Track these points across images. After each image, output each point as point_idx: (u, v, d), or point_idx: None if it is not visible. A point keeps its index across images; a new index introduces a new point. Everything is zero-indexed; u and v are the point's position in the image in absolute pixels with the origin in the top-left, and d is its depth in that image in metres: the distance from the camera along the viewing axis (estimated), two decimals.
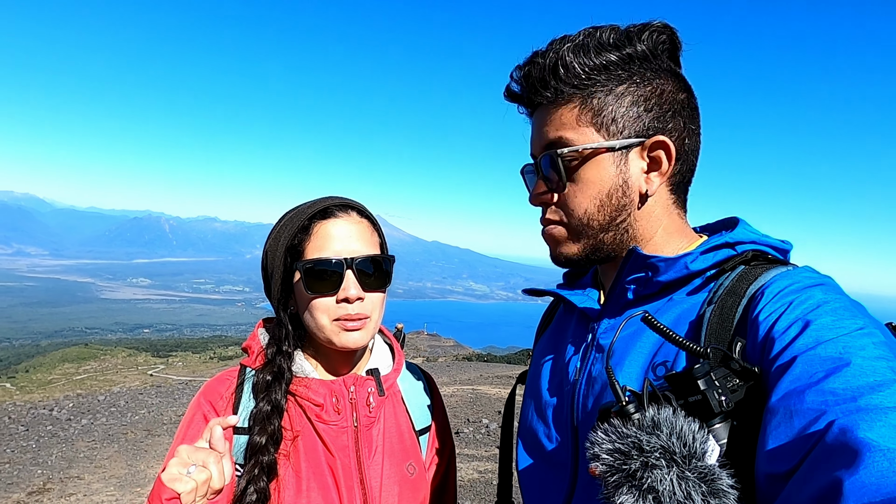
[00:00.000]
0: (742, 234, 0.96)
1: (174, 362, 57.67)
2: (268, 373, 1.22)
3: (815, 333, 0.70)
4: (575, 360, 1.05)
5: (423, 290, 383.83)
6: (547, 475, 1.05)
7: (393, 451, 1.29)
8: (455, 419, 10.26)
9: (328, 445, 1.22)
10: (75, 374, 47.62)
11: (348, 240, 1.22)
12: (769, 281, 0.84)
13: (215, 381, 1.26)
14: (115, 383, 35.45)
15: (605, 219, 0.97)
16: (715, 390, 0.69)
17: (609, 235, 0.98)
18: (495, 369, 23.39)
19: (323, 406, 1.23)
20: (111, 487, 6.89)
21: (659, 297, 0.97)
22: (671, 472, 0.61)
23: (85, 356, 61.99)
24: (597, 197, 0.96)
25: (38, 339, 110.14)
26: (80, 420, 10.62)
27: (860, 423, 0.57)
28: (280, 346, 1.25)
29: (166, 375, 41.18)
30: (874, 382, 0.61)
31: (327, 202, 1.25)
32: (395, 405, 1.35)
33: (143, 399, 13.49)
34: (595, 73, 0.94)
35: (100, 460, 8.04)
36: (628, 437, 0.65)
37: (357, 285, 1.21)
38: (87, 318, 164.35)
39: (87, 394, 17.03)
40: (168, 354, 68.25)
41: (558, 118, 0.97)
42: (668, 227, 1.00)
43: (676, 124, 0.96)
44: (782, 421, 0.64)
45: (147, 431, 9.74)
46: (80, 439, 9.16)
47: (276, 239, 1.25)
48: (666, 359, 0.89)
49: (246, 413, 1.21)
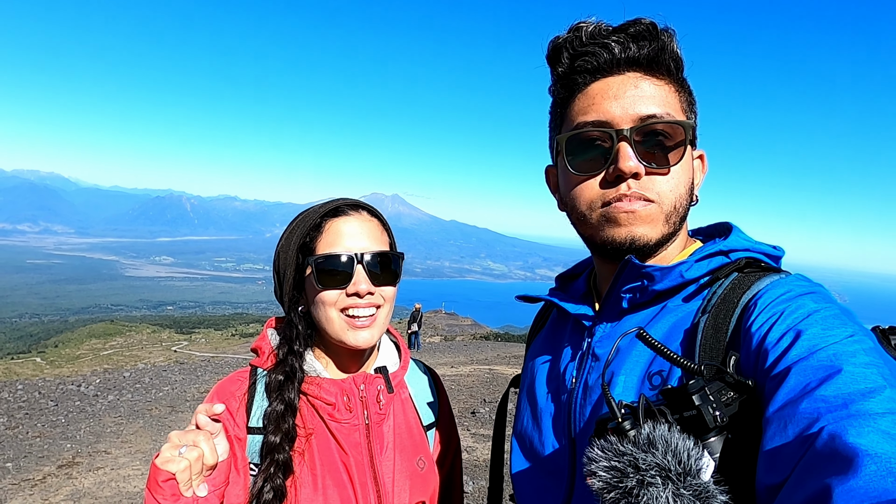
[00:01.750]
0: (735, 242, 0.96)
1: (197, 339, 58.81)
2: (280, 372, 1.23)
3: (808, 343, 0.71)
4: (571, 368, 1.05)
5: (441, 269, 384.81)
6: (543, 481, 1.06)
7: (403, 446, 1.32)
8: (472, 399, 10.34)
9: (341, 443, 1.24)
10: (102, 349, 48.84)
11: (359, 236, 1.25)
12: (762, 290, 0.85)
13: (227, 382, 1.27)
14: (140, 359, 36.32)
15: (684, 210, 0.98)
16: (710, 405, 0.70)
17: (678, 227, 0.98)
18: (512, 349, 23.44)
19: (335, 405, 1.25)
20: (137, 462, 7.09)
21: (653, 304, 0.98)
22: (667, 490, 0.62)
23: (111, 332, 63.54)
24: (686, 185, 0.96)
25: (66, 316, 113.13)
26: (107, 396, 10.89)
27: (849, 428, 0.57)
28: (291, 345, 1.26)
29: (189, 352, 42.08)
30: (865, 389, 0.62)
31: (338, 202, 1.28)
32: (403, 402, 1.38)
33: (167, 376, 13.80)
34: (683, 66, 0.98)
35: (126, 435, 8.26)
36: (624, 455, 0.66)
37: (367, 280, 1.23)
38: (113, 294, 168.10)
39: (113, 369, 17.47)
40: (191, 331, 69.64)
41: (664, 96, 0.94)
42: (683, 234, 1.03)
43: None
44: (778, 431, 0.65)
45: (171, 408, 9.98)
46: (106, 415, 9.41)
47: (288, 238, 1.28)
48: (661, 368, 0.89)
49: (259, 413, 1.23)
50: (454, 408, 7.77)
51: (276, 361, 1.26)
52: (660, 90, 0.93)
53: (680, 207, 0.95)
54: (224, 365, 17.36)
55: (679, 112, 0.95)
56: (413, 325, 21.54)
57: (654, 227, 0.93)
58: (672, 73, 0.95)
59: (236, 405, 1.23)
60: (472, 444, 7.63)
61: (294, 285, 1.27)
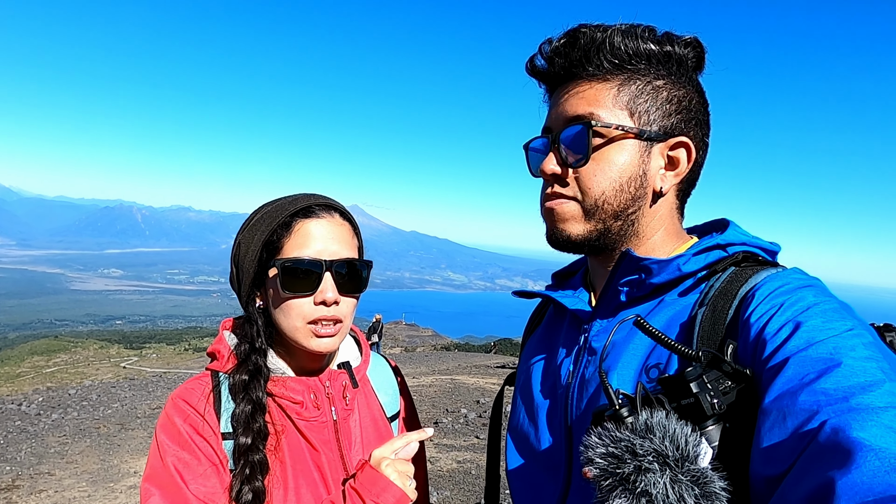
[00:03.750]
0: (732, 236, 0.97)
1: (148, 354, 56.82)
2: (243, 372, 1.18)
3: (807, 335, 0.71)
4: (567, 363, 1.04)
5: (401, 280, 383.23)
6: (540, 477, 1.05)
7: (369, 440, 1.30)
8: (434, 409, 10.28)
9: (311, 441, 1.21)
10: (45, 367, 46.60)
11: (329, 241, 1.20)
12: (760, 282, 0.85)
13: (186, 390, 1.20)
14: (86, 376, 34.80)
15: (618, 205, 0.96)
16: (707, 393, 0.70)
17: (618, 224, 0.98)
18: (473, 359, 23.51)
19: (303, 403, 1.22)
20: (83, 483, 6.75)
21: (650, 298, 0.97)
22: (664, 476, 0.62)
23: (55, 349, 60.74)
24: (616, 180, 0.95)
25: (5, 332, 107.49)
26: (51, 415, 10.37)
27: (852, 422, 0.57)
28: (253, 343, 1.21)
29: (140, 367, 40.58)
30: (865, 382, 0.62)
31: (310, 200, 1.22)
32: (366, 395, 1.36)
33: (116, 392, 13.23)
34: (639, 59, 0.95)
35: (71, 455, 7.86)
36: (621, 441, 0.65)
37: (334, 288, 1.19)
38: (57, 309, 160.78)
39: (57, 387, 16.65)
40: (142, 346, 67.25)
41: (593, 94, 0.96)
42: (669, 230, 1.01)
43: (696, 133, 0.98)
44: (776, 422, 0.65)
45: (120, 425, 9.56)
46: (50, 434, 8.94)
47: (252, 231, 1.21)
48: (659, 361, 0.89)
49: (227, 416, 1.17)
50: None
51: (238, 361, 1.20)
52: (590, 90, 0.96)
53: (607, 203, 0.95)
54: (177, 380, 16.78)
55: (610, 108, 0.94)
56: (373, 336, 21.35)
57: (573, 223, 0.98)
58: (606, 69, 0.95)
59: (202, 412, 1.17)
60: (436, 454, 7.57)
61: (254, 281, 1.22)
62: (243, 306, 1.26)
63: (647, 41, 0.94)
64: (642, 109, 0.95)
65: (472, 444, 8.16)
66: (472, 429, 9.00)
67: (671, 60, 0.96)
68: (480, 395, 11.52)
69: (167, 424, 1.16)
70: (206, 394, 1.19)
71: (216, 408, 1.18)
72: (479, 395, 11.52)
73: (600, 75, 0.95)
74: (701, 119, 0.99)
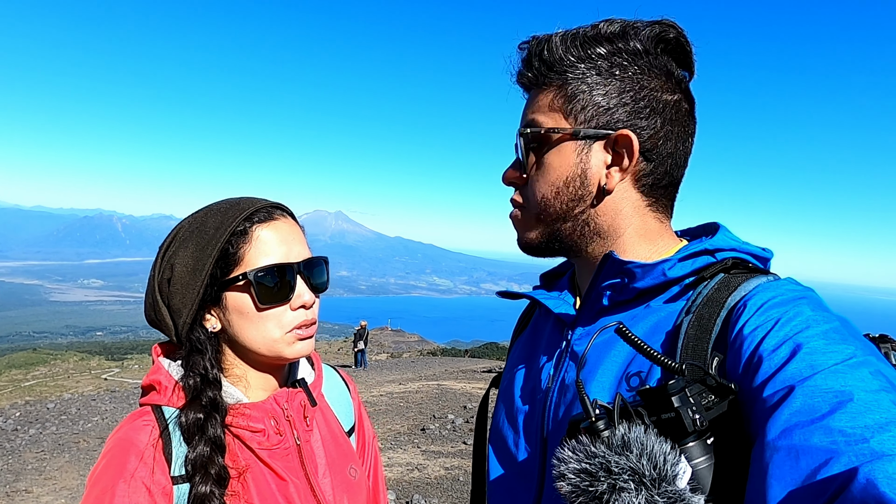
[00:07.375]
0: (722, 241, 0.93)
1: (130, 365, 55.90)
2: (197, 410, 1.06)
3: (809, 359, 0.68)
4: (548, 367, 1.02)
5: (386, 285, 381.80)
6: (514, 484, 1.02)
7: (333, 458, 1.23)
8: (421, 415, 10.23)
9: (277, 471, 1.12)
10: (23, 380, 45.57)
11: (292, 242, 1.15)
12: (751, 292, 0.82)
13: (130, 431, 1.06)
14: (66, 389, 34.16)
15: (560, 207, 0.95)
16: (689, 408, 0.67)
17: (567, 226, 0.97)
18: (460, 363, 23.45)
19: (264, 431, 1.12)
20: (62, 500, 6.59)
21: (635, 303, 0.94)
22: (640, 496, 0.59)
23: (33, 361, 59.47)
24: (554, 184, 0.95)
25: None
26: (28, 430, 10.13)
27: (877, 473, 0.54)
28: (206, 374, 1.09)
29: (122, 379, 39.88)
30: (882, 420, 0.59)
31: (257, 203, 1.14)
32: (324, 411, 1.29)
33: (97, 405, 12.96)
34: (576, 61, 0.93)
35: (50, 472, 7.68)
36: (596, 458, 0.62)
37: (308, 290, 1.15)
38: (36, 321, 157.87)
39: (35, 401, 16.27)
40: (123, 357, 66.14)
41: (536, 101, 0.97)
42: (640, 229, 0.97)
43: (652, 123, 0.92)
44: (786, 460, 0.61)
45: (101, 440, 9.37)
46: (27, 450, 8.74)
47: (188, 248, 1.10)
48: (640, 369, 0.85)
49: (180, 459, 1.05)
50: (403, 426, 7.76)
51: (190, 398, 1.07)
52: (535, 99, 0.98)
53: (549, 206, 0.96)
54: None
55: (546, 113, 0.95)
56: (359, 342, 21.10)
57: (528, 229, 1.01)
58: (545, 75, 0.95)
59: (151, 457, 1.02)
60: (423, 461, 7.52)
61: (201, 304, 1.10)
62: (182, 336, 1.12)
63: (591, 43, 0.93)
64: (577, 109, 0.93)
65: (459, 450, 8.12)
66: (460, 434, 8.96)
67: (619, 54, 0.92)
68: (467, 401, 11.48)
69: (110, 485, 0.99)
70: (155, 440, 1.04)
71: (166, 453, 1.04)
72: (465, 401, 11.48)
73: (544, 83, 0.96)
74: (661, 107, 0.92)
